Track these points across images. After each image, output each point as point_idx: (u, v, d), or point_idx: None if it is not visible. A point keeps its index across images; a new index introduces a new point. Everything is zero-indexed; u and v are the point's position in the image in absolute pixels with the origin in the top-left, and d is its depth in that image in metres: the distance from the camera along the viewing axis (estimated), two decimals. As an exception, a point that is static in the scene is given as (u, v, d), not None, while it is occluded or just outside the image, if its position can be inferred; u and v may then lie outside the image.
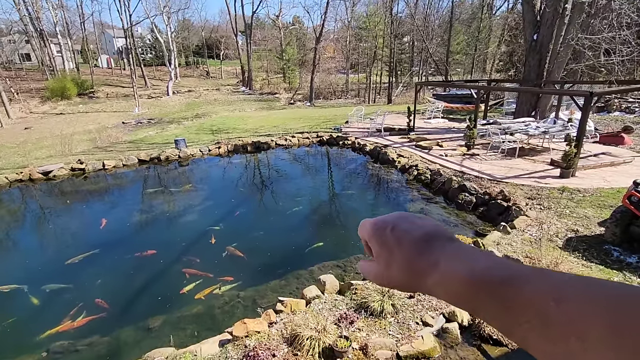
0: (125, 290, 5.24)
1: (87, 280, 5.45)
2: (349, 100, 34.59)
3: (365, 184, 10.02)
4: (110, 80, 41.92)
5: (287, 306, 4.10)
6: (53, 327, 4.41)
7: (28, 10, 37.12)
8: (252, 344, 3.50)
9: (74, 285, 5.31)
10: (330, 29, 45.27)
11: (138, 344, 4.11)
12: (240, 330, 3.65)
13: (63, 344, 4.14)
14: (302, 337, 3.42)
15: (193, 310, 4.64)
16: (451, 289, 0.36)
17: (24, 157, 14.36)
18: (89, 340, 4.20)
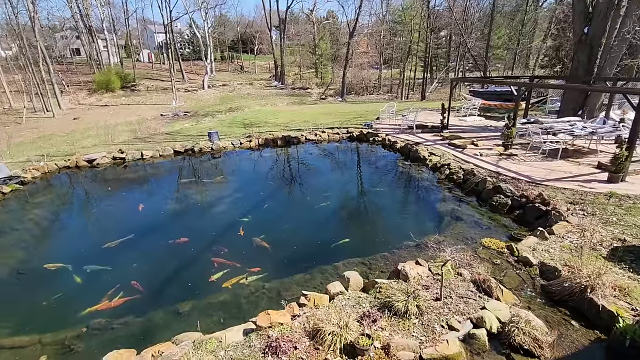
0: (158, 274, 5.50)
1: (124, 263, 5.77)
2: (381, 96, 34.04)
3: (395, 182, 9.84)
4: (150, 74, 43.84)
5: (310, 300, 4.13)
6: (92, 305, 4.71)
7: (79, 7, 39.53)
8: (275, 334, 3.55)
9: (112, 267, 5.64)
10: (364, 23, 44.67)
11: (168, 326, 4.30)
12: (264, 320, 3.71)
13: (101, 322, 4.41)
14: (324, 331, 3.43)
15: (220, 298, 4.79)
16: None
17: (71, 146, 15.39)
18: (124, 319, 4.45)
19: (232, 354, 3.39)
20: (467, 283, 4.36)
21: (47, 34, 45.80)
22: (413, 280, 4.39)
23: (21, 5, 33.57)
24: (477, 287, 4.24)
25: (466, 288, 4.26)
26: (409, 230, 6.15)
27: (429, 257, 5.10)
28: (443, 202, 7.90)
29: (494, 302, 3.96)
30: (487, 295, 4.12)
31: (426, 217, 7.37)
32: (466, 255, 5.05)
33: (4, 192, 8.77)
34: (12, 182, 9.20)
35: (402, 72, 34.44)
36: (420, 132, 12.98)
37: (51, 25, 49.87)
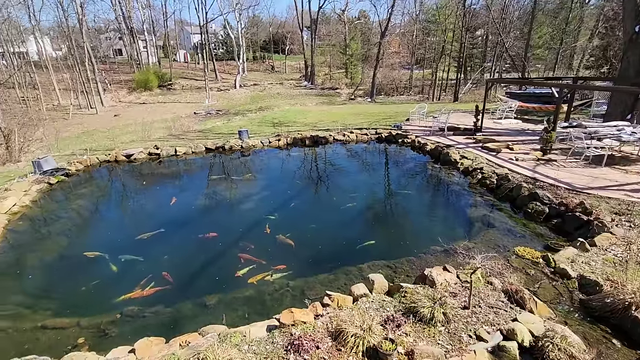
0: (187, 267, 5.69)
1: (156, 254, 6.02)
2: (412, 97, 33.41)
3: (423, 185, 9.62)
4: (185, 73, 45.51)
5: (334, 301, 4.12)
6: (126, 293, 4.95)
7: (122, 10, 41.71)
8: (297, 333, 3.57)
9: (145, 258, 5.90)
10: (396, 22, 43.97)
11: (195, 318, 4.44)
12: (288, 318, 3.74)
13: (133, 309, 4.63)
14: (347, 333, 3.41)
15: (245, 294, 4.88)
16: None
17: (112, 141, 16.26)
18: (155, 308, 4.65)
19: (256, 349, 3.44)
20: (497, 293, 4.18)
21: (93, 36, 48.69)
22: (440, 286, 4.27)
23: (71, 9, 35.84)
24: (509, 298, 4.05)
25: (497, 298, 4.09)
26: (437, 235, 5.99)
27: (457, 264, 4.94)
28: (474, 208, 7.63)
29: (526, 314, 3.77)
30: (519, 306, 3.93)
31: (455, 222, 7.14)
32: (497, 264, 4.85)
33: (51, 183, 9.41)
34: (58, 173, 9.85)
35: (434, 73, 33.61)
36: (452, 135, 12.61)
37: (97, 27, 52.97)
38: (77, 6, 33.50)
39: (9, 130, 16.90)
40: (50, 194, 9.06)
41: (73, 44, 34.80)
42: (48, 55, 37.87)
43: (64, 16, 35.16)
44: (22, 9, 42.54)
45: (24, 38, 40.42)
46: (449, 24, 33.35)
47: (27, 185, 8.84)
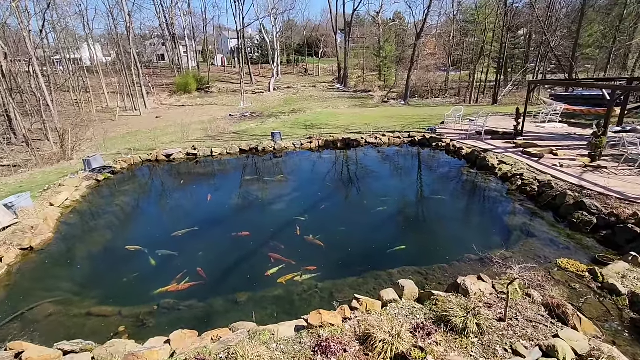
0: (220, 264, 5.88)
1: (191, 250, 6.27)
2: (447, 100, 32.46)
3: (458, 190, 9.31)
4: (222, 77, 47.11)
5: (362, 305, 4.08)
6: (163, 286, 5.20)
7: (166, 17, 43.98)
8: (325, 334, 3.58)
9: (181, 254, 6.16)
10: (432, 23, 43.01)
11: (226, 314, 4.57)
12: (316, 319, 3.76)
13: (169, 302, 4.84)
14: (375, 338, 3.36)
15: (274, 293, 4.96)
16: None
17: (153, 141, 17.16)
18: (189, 302, 4.84)
19: (284, 347, 3.49)
20: (537, 306, 3.95)
21: (139, 42, 51.71)
22: (474, 296, 4.10)
23: (120, 17, 38.30)
24: (550, 312, 3.82)
25: (536, 311, 3.87)
26: (472, 242, 5.76)
27: (493, 274, 4.73)
28: (512, 215, 7.27)
29: (569, 330, 3.53)
30: (561, 322, 3.69)
31: (492, 229, 6.84)
32: (538, 276, 4.59)
33: (99, 180, 10.09)
34: (105, 171, 10.54)
35: (472, 74, 32.44)
36: (490, 139, 12.10)
37: (142, 34, 56.22)
38: (125, 15, 35.78)
39: (63, 130, 18.32)
40: (97, 190, 9.71)
41: (121, 50, 37.18)
42: (99, 60, 40.70)
43: (113, 24, 37.70)
44: (77, 19, 46.07)
45: (78, 45, 43.76)
46: (489, 24, 32.07)
47: (77, 182, 9.54)
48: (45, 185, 9.50)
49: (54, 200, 8.13)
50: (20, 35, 27.22)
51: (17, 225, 6.85)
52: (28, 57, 25.57)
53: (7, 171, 16.99)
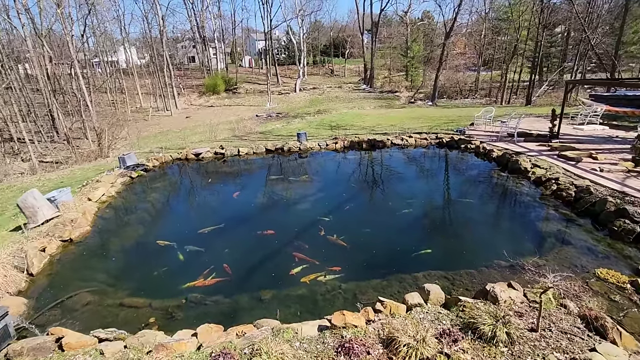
0: (245, 261, 5.99)
1: (218, 247, 6.43)
2: (477, 100, 31.51)
3: (487, 194, 9.00)
4: (250, 78, 48.04)
5: (386, 307, 4.03)
6: (191, 281, 5.36)
7: (196, 20, 45.39)
8: (348, 336, 3.56)
9: (208, 250, 6.33)
10: (462, 22, 41.86)
11: (251, 310, 4.65)
12: (339, 320, 3.75)
13: (196, 297, 4.99)
14: (399, 342, 3.32)
15: (298, 292, 5.00)
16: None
17: (183, 140, 17.74)
18: (215, 298, 4.96)
19: (307, 346, 3.51)
20: (572, 317, 3.76)
21: (171, 45, 53.63)
22: (504, 304, 3.96)
23: (154, 21, 39.88)
24: (586, 324, 3.62)
25: (571, 323, 3.67)
26: (502, 248, 5.55)
27: (524, 282, 4.54)
28: (546, 221, 6.94)
29: (608, 345, 3.33)
30: (599, 335, 3.49)
31: (523, 236, 6.56)
32: (574, 285, 4.36)
33: (132, 177, 10.55)
34: (139, 169, 11.01)
35: (504, 74, 31.31)
36: (523, 141, 11.62)
37: (175, 37, 58.30)
38: (159, 19, 37.24)
39: (100, 129, 19.32)
40: (131, 186, 10.15)
41: (154, 53, 38.72)
42: (134, 63, 42.62)
43: (148, 28, 39.35)
44: (115, 23, 48.48)
45: (115, 48, 46.00)
46: (524, 21, 30.83)
47: (113, 178, 10.02)
48: (83, 181, 10.05)
49: (92, 196, 8.58)
50: (64, 40, 28.97)
51: (59, 218, 7.28)
52: (70, 60, 27.16)
53: (50, 167, 18.12)
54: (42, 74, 25.74)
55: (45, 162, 20.85)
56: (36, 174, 14.88)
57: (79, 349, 3.68)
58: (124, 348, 3.69)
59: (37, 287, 5.41)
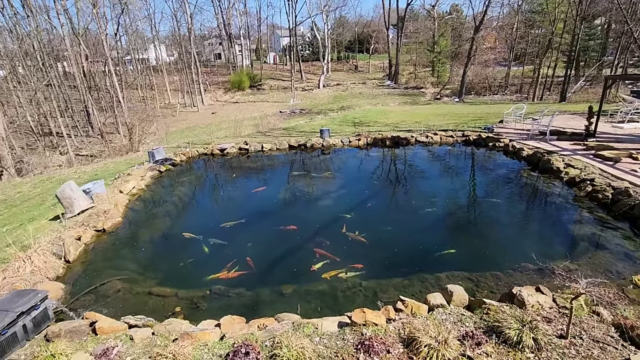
0: (267, 255, 6.09)
1: (240, 241, 6.56)
2: (507, 97, 30.37)
3: (515, 194, 8.68)
4: (274, 74, 48.45)
5: (407, 307, 3.99)
6: (215, 273, 5.51)
7: (223, 17, 46.18)
8: (368, 333, 3.56)
9: (231, 243, 6.47)
10: (493, 15, 40.27)
11: (272, 304, 4.73)
12: (359, 317, 3.75)
13: (220, 289, 5.13)
14: (420, 342, 3.28)
15: (319, 287, 5.03)
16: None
17: (209, 136, 18.16)
18: (238, 290, 5.08)
19: (327, 342, 3.53)
20: (606, 325, 3.58)
21: (199, 42, 54.89)
22: (531, 308, 3.82)
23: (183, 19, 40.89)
24: (621, 334, 3.44)
25: (604, 332, 3.50)
26: (530, 250, 5.36)
27: (554, 286, 4.36)
28: (579, 224, 6.62)
29: (645, 356, 3.15)
30: (634, 345, 3.31)
31: (554, 238, 6.29)
32: (608, 292, 4.15)
33: (161, 171, 10.93)
34: (167, 163, 11.39)
35: (536, 69, 29.96)
36: (556, 140, 11.11)
37: (202, 34, 59.64)
38: (187, 17, 38.17)
39: (132, 124, 20.10)
40: (159, 180, 10.53)
41: (182, 50, 39.75)
42: (163, 60, 43.97)
43: (177, 26, 40.40)
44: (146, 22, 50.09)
45: (146, 46, 47.58)
46: (559, 13, 29.34)
47: (143, 172, 10.42)
48: (115, 174, 10.51)
49: (123, 188, 8.97)
50: (99, 39, 30.28)
51: (93, 209, 7.67)
52: (104, 58, 28.37)
53: (85, 160, 19.07)
54: (79, 71, 27.06)
55: (81, 156, 21.97)
56: (72, 167, 15.72)
57: (110, 333, 3.88)
58: (152, 335, 3.86)
59: (73, 274, 5.73)
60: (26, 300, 3.87)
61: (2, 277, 5.12)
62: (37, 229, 6.82)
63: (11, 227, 7.36)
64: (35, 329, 3.92)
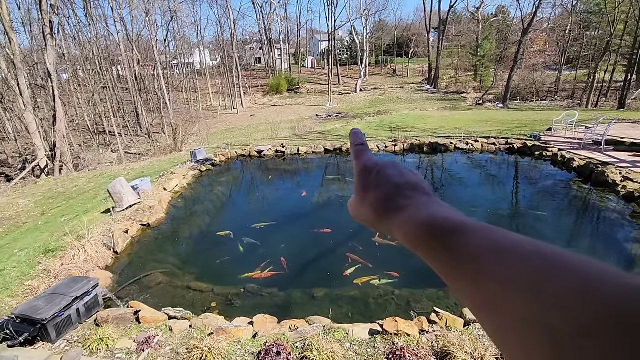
0: (300, 257, 6.16)
1: (274, 241, 6.70)
2: (557, 103, 28.58)
3: (563, 207, 8.13)
4: (311, 78, 49.02)
5: (442, 319, 3.87)
6: (249, 272, 5.66)
7: (264, 23, 47.55)
8: (400, 343, 3.49)
9: (264, 244, 6.62)
10: (544, 17, 38.11)
11: (303, 306, 4.77)
12: (391, 326, 3.69)
13: (253, 287, 5.26)
14: (454, 357, 3.17)
15: (350, 293, 5.01)
16: (410, 231, 0.38)
17: (247, 138, 18.72)
18: (271, 290, 5.18)
19: (357, 349, 3.51)
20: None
21: (241, 47, 56.84)
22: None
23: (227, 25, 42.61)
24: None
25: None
26: (580, 269, 4.98)
27: (606, 309, 4.02)
28: (638, 244, 6.07)
29: None
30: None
31: (607, 257, 5.81)
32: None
33: (202, 171, 11.43)
34: (207, 163, 11.88)
35: (591, 74, 27.92)
36: (612, 150, 10.27)
37: (244, 39, 61.73)
38: (231, 22, 39.73)
39: (176, 125, 21.18)
40: (200, 179, 11.01)
41: (225, 55, 41.38)
42: (207, 64, 46.04)
43: (220, 32, 42.16)
44: (192, 28, 52.76)
45: (191, 51, 50.09)
46: (620, 14, 27.16)
47: (185, 171, 10.95)
48: (160, 172, 11.14)
49: (167, 186, 9.48)
50: (150, 44, 32.33)
51: (139, 204, 8.17)
52: (154, 62, 30.20)
53: (134, 158, 20.37)
54: (131, 74, 29.05)
55: (130, 154, 23.52)
56: (122, 164, 16.87)
57: (152, 323, 4.11)
58: (189, 327, 4.04)
59: (120, 264, 6.14)
60: (80, 286, 4.20)
61: (60, 263, 5.60)
62: (90, 220, 7.39)
63: (68, 217, 8.03)
64: (87, 313, 4.24)
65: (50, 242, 6.47)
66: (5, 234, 7.87)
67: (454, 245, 0.33)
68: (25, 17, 27.95)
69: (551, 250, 0.28)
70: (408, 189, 0.44)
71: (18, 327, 3.74)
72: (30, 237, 7.11)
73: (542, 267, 0.26)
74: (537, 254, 0.28)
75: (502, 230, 0.32)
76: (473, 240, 0.32)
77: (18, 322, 3.78)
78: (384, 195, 0.44)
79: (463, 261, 0.31)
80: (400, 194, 0.43)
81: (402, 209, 0.41)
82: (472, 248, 0.31)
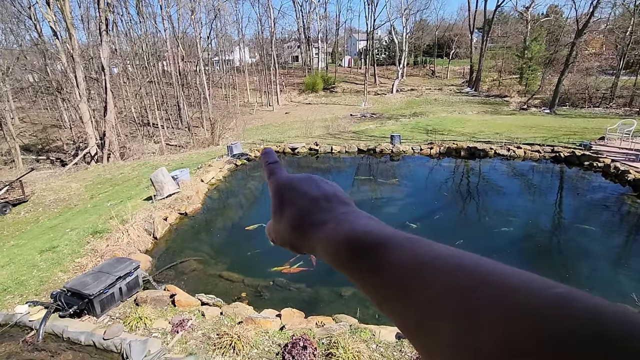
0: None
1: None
2: (612, 110, 26.52)
3: (614, 222, 7.56)
4: (347, 77, 48.86)
5: (473, 330, 3.74)
6: (278, 266, 5.76)
7: (303, 22, 48.01)
8: (428, 350, 3.42)
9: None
10: (601, 17, 35.43)
11: (330, 304, 4.80)
12: (419, 332, 3.62)
13: (282, 281, 5.36)
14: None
15: (378, 295, 4.96)
16: (331, 248, 0.35)
17: (281, 135, 19.04)
18: (298, 285, 5.26)
19: (383, 351, 3.48)
20: None
21: (279, 45, 57.78)
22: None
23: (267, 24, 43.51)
24: None
25: None
26: (630, 289, 4.63)
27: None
28: (699, 267, 5.53)
29: None
30: None
31: (663, 280, 5.34)
32: None
33: (237, 165, 11.77)
34: (242, 157, 12.23)
35: (653, 80, 25.62)
36: (673, 163, 9.40)
37: (282, 37, 62.70)
38: (271, 21, 40.49)
39: (214, 120, 21.94)
40: (235, 173, 11.35)
41: (264, 52, 42.28)
42: (246, 61, 47.26)
43: (260, 30, 43.11)
44: (234, 26, 54.35)
45: (232, 48, 51.61)
46: (690, 15, 24.69)
47: (221, 164, 11.33)
48: (198, 164, 11.60)
49: (204, 178, 9.86)
50: (193, 41, 33.70)
51: (178, 194, 8.57)
52: (196, 58, 31.45)
53: (174, 150, 21.35)
54: (175, 70, 30.44)
55: (171, 145, 24.68)
56: (163, 155, 17.76)
57: (186, 307, 4.31)
58: (220, 314, 4.19)
59: (158, 249, 6.49)
60: (123, 267, 4.49)
61: (106, 244, 6.01)
62: (133, 206, 7.85)
63: (114, 202, 8.59)
64: (128, 292, 4.53)
65: (97, 224, 6.95)
66: (59, 214, 8.57)
67: (377, 264, 0.30)
68: (85, 15, 30.13)
69: (473, 262, 0.26)
70: (325, 201, 0.41)
71: (68, 300, 4.06)
72: (80, 219, 7.68)
73: (465, 284, 0.24)
74: (459, 269, 0.26)
75: (426, 242, 0.31)
76: (396, 257, 0.30)
77: (69, 295, 4.11)
78: (300, 211, 0.41)
79: (388, 282, 0.29)
80: (318, 206, 0.40)
81: (322, 223, 0.38)
82: (395, 269, 0.29)
